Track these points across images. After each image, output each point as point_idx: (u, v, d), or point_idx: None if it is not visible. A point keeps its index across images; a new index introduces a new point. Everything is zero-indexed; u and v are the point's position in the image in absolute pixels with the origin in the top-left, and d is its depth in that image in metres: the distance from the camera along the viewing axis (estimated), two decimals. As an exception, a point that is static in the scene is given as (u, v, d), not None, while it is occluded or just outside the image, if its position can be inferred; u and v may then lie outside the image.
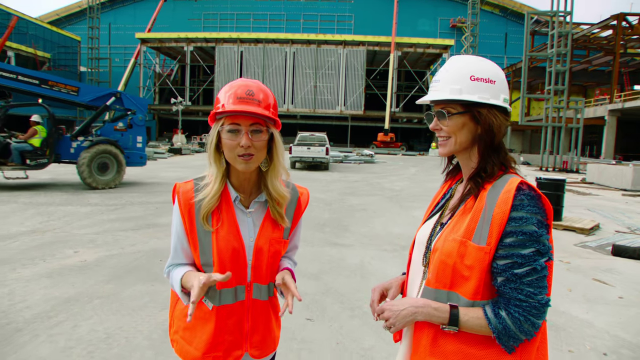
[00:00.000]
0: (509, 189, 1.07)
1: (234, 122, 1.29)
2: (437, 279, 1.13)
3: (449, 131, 1.19)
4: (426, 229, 1.28)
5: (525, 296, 1.04)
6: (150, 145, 35.40)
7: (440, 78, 1.21)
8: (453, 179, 1.36)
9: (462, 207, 1.17)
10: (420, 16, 58.44)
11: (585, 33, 41.43)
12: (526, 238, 1.04)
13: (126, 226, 7.10)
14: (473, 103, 1.15)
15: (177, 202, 1.36)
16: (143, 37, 52.47)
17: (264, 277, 1.40)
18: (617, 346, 3.44)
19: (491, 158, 1.16)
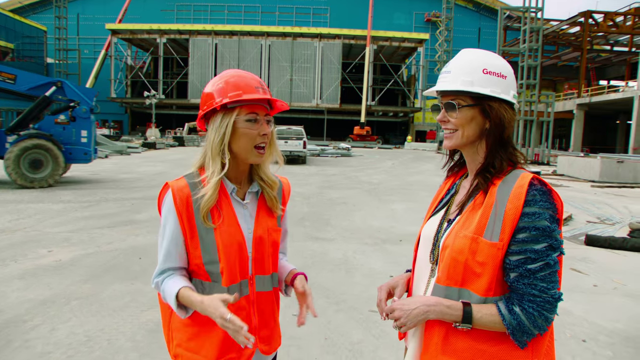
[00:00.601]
0: (522, 185, 1.06)
1: (252, 112, 1.28)
2: (448, 276, 1.11)
3: (456, 124, 1.17)
4: (432, 226, 1.25)
5: (539, 291, 1.03)
6: (123, 140, 34.55)
7: (451, 69, 1.18)
8: (456, 174, 1.33)
9: (472, 203, 1.15)
10: (395, 10, 58.68)
11: (554, 29, 42.60)
12: (539, 233, 1.03)
13: (102, 223, 6.89)
14: (484, 96, 1.13)
15: (172, 201, 1.26)
16: (114, 28, 50.85)
17: (266, 268, 1.36)
18: (595, 333, 3.56)
19: (499, 153, 1.15)
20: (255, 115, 1.28)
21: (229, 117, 1.26)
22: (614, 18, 39.94)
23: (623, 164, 16.61)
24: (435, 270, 1.18)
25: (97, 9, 58.24)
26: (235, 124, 1.26)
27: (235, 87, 1.27)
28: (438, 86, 1.20)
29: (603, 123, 47.54)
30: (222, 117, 1.27)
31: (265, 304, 1.37)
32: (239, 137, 1.27)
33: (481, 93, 1.12)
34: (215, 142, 1.27)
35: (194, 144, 34.94)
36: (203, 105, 1.31)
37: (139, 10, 56.36)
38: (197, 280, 1.31)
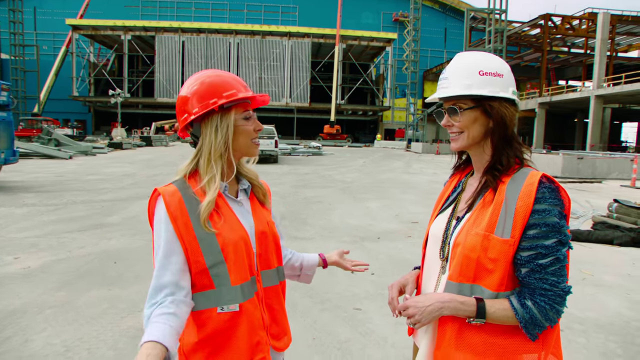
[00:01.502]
0: (532, 182, 1.10)
1: (246, 109, 1.30)
2: (460, 273, 1.14)
3: (461, 126, 1.20)
4: (440, 223, 1.28)
5: (550, 285, 1.07)
6: (87, 140, 33.37)
7: (448, 75, 1.22)
8: (462, 172, 1.37)
9: (481, 201, 1.18)
10: (364, 9, 59.24)
11: (517, 31, 44.09)
12: (549, 229, 1.07)
13: (71, 227, 6.63)
14: (483, 97, 1.17)
15: (165, 208, 1.18)
16: (75, 24, 49.03)
17: (270, 262, 1.35)
18: (568, 322, 3.71)
19: (505, 150, 1.18)
20: (249, 113, 1.31)
21: (227, 117, 1.25)
22: (570, 21, 41.75)
23: (583, 160, 17.39)
24: (446, 267, 1.21)
25: (56, 3, 55.94)
26: (235, 123, 1.27)
27: (226, 87, 1.26)
28: (439, 93, 1.23)
29: (563, 121, 49.67)
30: (221, 117, 1.24)
31: (273, 299, 1.35)
32: (238, 135, 1.28)
33: (480, 94, 1.16)
34: (218, 143, 1.24)
35: (162, 144, 34.13)
36: (190, 108, 1.24)
37: (102, 5, 54.57)
38: (200, 293, 1.21)
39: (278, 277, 1.38)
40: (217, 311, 1.20)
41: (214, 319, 1.20)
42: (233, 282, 1.20)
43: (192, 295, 1.21)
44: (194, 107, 1.24)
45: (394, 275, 4.80)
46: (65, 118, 51.61)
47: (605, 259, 5.84)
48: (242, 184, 1.36)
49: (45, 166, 16.01)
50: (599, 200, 10.75)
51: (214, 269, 1.20)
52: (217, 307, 1.20)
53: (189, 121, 1.26)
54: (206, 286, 1.21)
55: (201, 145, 1.26)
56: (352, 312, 3.76)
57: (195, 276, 1.20)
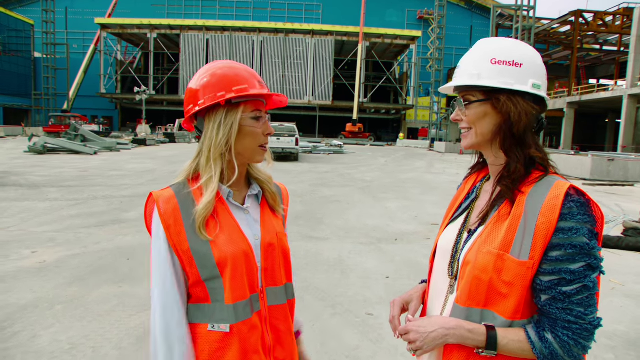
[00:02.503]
0: (556, 195, 0.93)
1: (257, 108, 1.16)
2: (469, 296, 0.99)
3: (468, 121, 1.06)
4: (450, 235, 1.13)
5: (575, 317, 0.90)
6: (113, 136, 34.12)
7: (461, 63, 1.08)
8: (479, 173, 1.21)
9: (496, 214, 1.02)
10: (388, 7, 58.65)
11: (545, 28, 42.81)
12: (576, 251, 0.90)
13: (89, 222, 6.70)
14: (494, 89, 1.01)
15: (158, 215, 1.09)
16: (103, 23, 50.20)
17: (277, 279, 1.21)
18: (596, 335, 3.48)
19: (514, 153, 1.02)
20: (260, 112, 1.16)
21: (234, 113, 1.12)
22: (603, 18, 40.27)
23: (614, 162, 16.70)
24: (455, 286, 1.06)
25: (86, 3, 57.47)
26: (241, 122, 1.13)
27: (237, 80, 1.12)
28: (450, 83, 1.11)
29: (593, 121, 48.00)
30: (226, 113, 1.12)
31: (279, 320, 1.21)
32: (244, 136, 1.14)
33: (489, 86, 1.01)
34: (219, 141, 1.11)
35: (185, 140, 34.60)
36: (195, 100, 1.13)
37: (129, 4, 55.74)
38: (194, 305, 1.12)
39: (286, 295, 1.24)
40: (208, 328, 1.09)
41: (204, 337, 1.09)
42: (227, 299, 1.08)
43: (188, 305, 1.12)
44: (200, 98, 1.13)
45: (410, 279, 4.63)
46: (93, 114, 52.96)
47: (637, 267, 5.52)
48: (252, 189, 1.23)
49: (70, 161, 16.39)
50: (630, 205, 10.26)
51: (210, 283, 1.10)
52: (208, 324, 1.09)
53: (192, 113, 1.15)
54: (202, 299, 1.11)
55: (203, 142, 1.15)
56: (364, 317, 3.63)
57: (191, 287, 1.11)
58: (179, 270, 1.09)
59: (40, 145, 19.24)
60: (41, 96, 52.00)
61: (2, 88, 49.41)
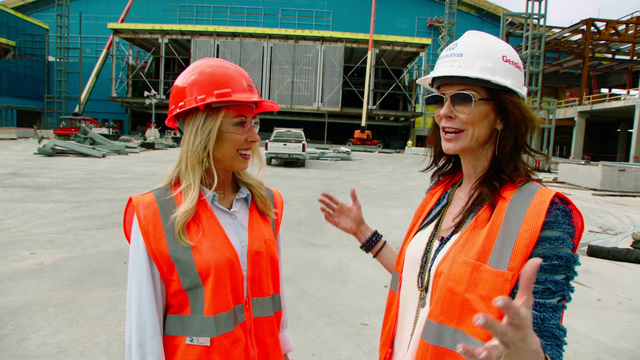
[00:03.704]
0: (542, 201, 0.85)
1: (241, 114, 1.08)
2: (441, 311, 0.89)
3: (466, 121, 0.93)
4: (418, 244, 1.03)
5: (560, 330, 0.81)
6: (122, 140, 34.42)
7: (463, 51, 0.94)
8: (448, 182, 1.11)
9: (473, 220, 0.93)
10: (398, 14, 58.70)
11: (556, 36, 42.53)
12: (561, 263, 0.82)
13: (91, 225, 6.70)
14: (502, 89, 0.92)
15: (137, 220, 1.03)
16: (116, 28, 50.85)
17: (264, 289, 1.14)
18: (600, 352, 3.36)
19: (513, 159, 0.94)
20: (244, 118, 1.09)
21: (213, 119, 1.05)
22: (616, 26, 39.88)
23: (625, 173, 16.42)
24: (426, 299, 0.96)
25: (100, 8, 58.32)
26: (221, 128, 1.06)
27: (221, 83, 1.05)
28: (446, 70, 0.94)
29: (604, 131, 47.41)
30: (205, 118, 1.05)
31: (266, 333, 1.14)
32: (223, 142, 1.07)
33: (502, 85, 0.91)
34: (196, 148, 1.05)
35: (193, 145, 34.74)
36: (178, 100, 1.08)
37: (142, 10, 56.44)
38: (174, 316, 1.05)
39: (273, 307, 1.17)
40: (186, 342, 1.03)
41: (182, 350, 1.03)
42: (206, 311, 1.02)
43: (166, 316, 1.06)
44: (182, 98, 1.07)
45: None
46: (103, 118, 53.55)
47: (645, 280, 5.36)
48: (240, 192, 1.17)
49: (78, 164, 16.52)
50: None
51: (192, 292, 1.03)
52: (186, 337, 1.03)
53: (171, 115, 1.10)
54: (181, 309, 1.04)
55: (181, 146, 1.09)
56: (359, 327, 3.54)
57: (171, 297, 1.05)
58: (157, 279, 1.03)
59: (49, 147, 19.45)
60: (54, 99, 52.70)
61: (17, 91, 50.23)
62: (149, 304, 1.02)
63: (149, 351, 1.01)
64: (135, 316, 1.02)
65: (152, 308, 1.02)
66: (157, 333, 1.02)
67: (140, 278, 1.02)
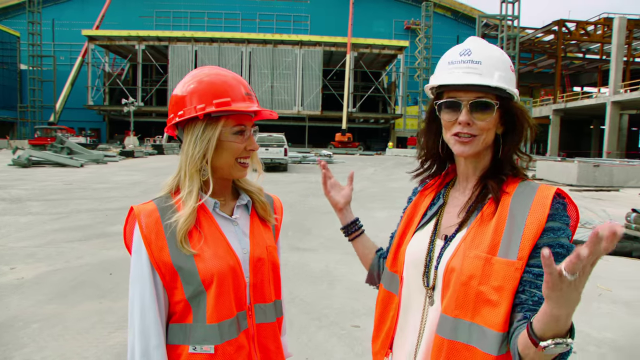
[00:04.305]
0: (545, 196, 0.93)
1: (240, 123, 1.10)
2: (457, 305, 0.92)
3: (483, 127, 0.97)
4: (419, 244, 1.06)
5: None
6: (100, 148, 33.79)
7: (481, 59, 0.97)
8: (440, 183, 1.14)
9: (479, 216, 0.97)
10: (375, 18, 59.29)
11: (530, 37, 43.60)
12: (563, 251, 0.88)
13: (72, 237, 6.55)
14: (508, 97, 0.98)
15: (139, 229, 1.03)
16: (91, 35, 49.99)
17: (267, 295, 1.15)
18: (584, 343, 3.46)
19: (510, 161, 1.02)
20: (243, 127, 1.10)
21: (212, 128, 1.06)
22: (585, 27, 41.14)
23: (599, 168, 16.91)
24: (434, 297, 1.00)
25: (73, 14, 57.17)
26: (220, 137, 1.07)
27: (221, 92, 1.07)
28: (467, 78, 0.96)
29: (578, 128, 48.77)
30: (205, 127, 1.06)
31: (269, 338, 1.15)
32: (222, 150, 1.08)
33: (513, 93, 0.98)
34: (195, 157, 1.06)
35: (174, 152, 34.36)
36: (177, 109, 1.09)
37: (117, 16, 55.57)
38: (177, 325, 1.05)
39: (275, 313, 1.18)
40: (189, 350, 1.03)
41: (185, 359, 1.03)
42: (209, 319, 1.03)
43: (169, 325, 1.06)
44: (181, 107, 1.08)
45: (398, 289, 4.58)
46: (80, 127, 52.50)
47: (624, 272, 5.54)
48: (241, 199, 1.18)
49: (56, 174, 16.15)
50: (616, 210, 10.35)
51: (194, 300, 1.04)
52: (189, 346, 1.03)
53: (170, 123, 1.11)
54: (184, 318, 1.05)
55: (180, 155, 1.10)
56: (350, 329, 3.57)
57: (174, 305, 1.05)
58: (160, 288, 1.04)
59: (24, 158, 18.95)
60: (27, 109, 51.42)
61: None
62: (152, 312, 1.02)
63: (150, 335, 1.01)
64: (138, 325, 1.02)
65: (156, 317, 1.02)
66: (161, 342, 1.03)
67: (143, 287, 1.02)
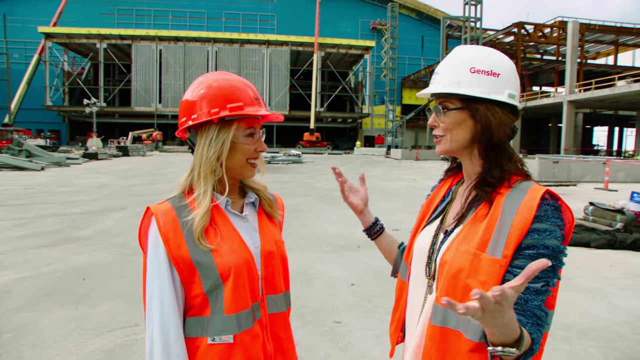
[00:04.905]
0: (533, 197, 0.97)
1: (251, 126, 1.17)
2: (447, 294, 0.99)
3: (444, 128, 1.09)
4: (426, 237, 1.15)
5: (541, 311, 0.93)
6: (61, 150, 32.50)
7: (439, 70, 1.10)
8: (454, 177, 1.24)
9: (473, 215, 1.04)
10: (342, 18, 59.70)
11: (492, 38, 45.09)
12: (547, 252, 0.93)
13: (39, 243, 6.33)
14: (472, 98, 1.04)
15: (156, 228, 1.09)
16: (48, 32, 47.92)
17: (278, 286, 1.22)
18: (554, 329, 3.65)
19: (495, 160, 1.05)
20: (254, 130, 1.17)
21: (226, 131, 1.13)
22: (542, 29, 42.94)
23: (558, 164, 17.74)
24: (433, 286, 1.09)
25: (27, 10, 54.60)
26: (233, 139, 1.14)
27: (233, 97, 1.13)
28: (429, 89, 1.11)
29: (537, 126, 50.89)
30: (219, 130, 1.13)
31: (280, 327, 1.22)
32: (234, 152, 1.15)
33: (468, 95, 1.03)
34: (209, 158, 1.12)
35: (139, 154, 33.49)
36: (190, 113, 1.14)
37: (76, 13, 53.53)
38: (194, 319, 1.11)
39: (285, 304, 1.25)
40: (208, 342, 1.08)
41: (204, 350, 1.08)
42: (227, 310, 1.08)
43: (186, 319, 1.11)
44: (194, 112, 1.14)
45: (375, 285, 4.70)
46: (38, 128, 50.30)
47: (583, 262, 5.88)
48: (248, 196, 1.25)
49: (15, 178, 15.45)
50: (574, 203, 10.92)
51: (212, 294, 1.09)
52: (207, 337, 1.08)
53: (184, 127, 1.17)
54: (202, 311, 1.10)
55: (195, 156, 1.16)
56: (332, 325, 3.64)
57: (192, 299, 1.10)
58: (177, 284, 1.09)
59: (-21, 162, 18.03)
60: (-21, 110, 48.74)
61: None
62: (172, 307, 1.07)
63: (174, 353, 1.06)
64: (157, 321, 1.06)
65: (175, 312, 1.07)
66: (180, 336, 1.07)
67: (162, 283, 1.07)
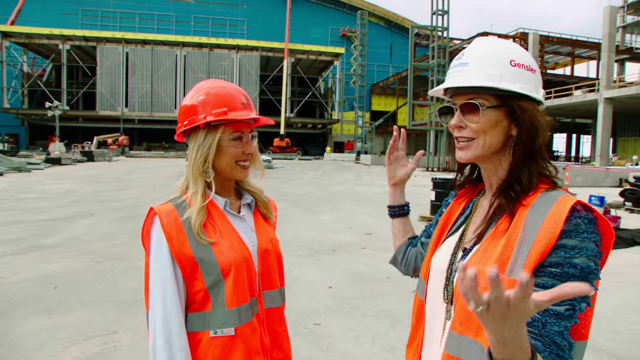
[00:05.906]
0: (561, 209, 0.82)
1: (238, 130, 1.23)
2: (461, 322, 0.88)
3: (477, 130, 0.92)
4: (444, 255, 1.02)
5: (562, 338, 0.77)
6: (21, 155, 31.14)
7: (469, 60, 0.94)
8: (473, 190, 1.08)
9: (492, 230, 0.91)
10: (312, 24, 60.06)
11: (458, 47, 46.46)
12: (575, 272, 0.78)
13: (4, 251, 6.10)
14: (512, 94, 0.90)
15: (160, 227, 1.14)
16: (5, 31, 45.87)
17: (273, 282, 1.30)
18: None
19: (527, 166, 0.91)
20: (241, 134, 1.24)
21: (212, 135, 1.20)
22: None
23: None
24: (452, 311, 0.94)
25: (-17, 9, 52.13)
26: (220, 143, 1.21)
27: (220, 103, 1.21)
28: (453, 81, 0.94)
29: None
30: (205, 135, 1.20)
31: (276, 322, 1.29)
32: (222, 155, 1.22)
33: (511, 90, 0.90)
34: (197, 161, 1.20)
35: (105, 159, 32.52)
36: (183, 119, 1.23)
37: (36, 12, 51.57)
38: (195, 314, 1.16)
39: (281, 299, 1.32)
40: (210, 335, 1.14)
41: (206, 343, 1.15)
42: (229, 304, 1.15)
43: (187, 314, 1.17)
44: (186, 118, 1.22)
45: (352, 287, 4.81)
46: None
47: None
48: (245, 198, 1.33)
49: (-28, 184, 14.73)
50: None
51: (214, 290, 1.16)
52: (209, 331, 1.15)
53: (177, 132, 1.27)
54: (203, 306, 1.17)
55: (187, 160, 1.25)
56: (312, 327, 3.72)
57: (193, 295, 1.17)
58: (180, 280, 1.15)
59: None
60: None
61: None
62: (174, 304, 1.13)
63: (176, 347, 1.12)
64: (160, 317, 1.12)
65: (177, 307, 1.13)
66: (182, 331, 1.14)
67: (164, 280, 1.13)
